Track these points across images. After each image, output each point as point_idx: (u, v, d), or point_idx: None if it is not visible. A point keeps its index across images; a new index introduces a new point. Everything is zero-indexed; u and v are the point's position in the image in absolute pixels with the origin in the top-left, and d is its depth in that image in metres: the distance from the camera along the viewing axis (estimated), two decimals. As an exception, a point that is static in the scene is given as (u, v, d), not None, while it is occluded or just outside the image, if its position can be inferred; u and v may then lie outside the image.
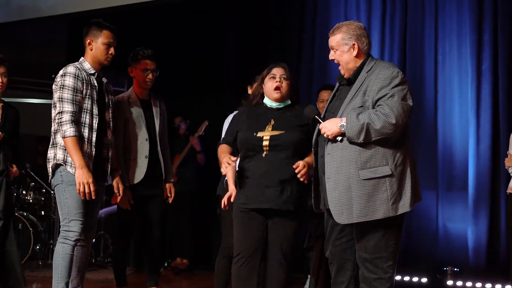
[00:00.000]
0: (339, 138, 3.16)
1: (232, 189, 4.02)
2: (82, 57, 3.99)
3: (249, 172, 3.60)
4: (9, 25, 6.58)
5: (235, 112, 4.20)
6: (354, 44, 3.26)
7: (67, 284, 3.79)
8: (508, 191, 5.00)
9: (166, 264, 6.79)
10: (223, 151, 3.69)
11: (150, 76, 4.44)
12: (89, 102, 3.87)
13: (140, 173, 4.37)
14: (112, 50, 3.96)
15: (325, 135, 3.20)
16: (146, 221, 4.49)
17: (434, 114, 6.22)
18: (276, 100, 3.66)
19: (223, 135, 4.11)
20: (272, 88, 3.64)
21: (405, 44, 6.41)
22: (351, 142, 3.13)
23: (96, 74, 3.95)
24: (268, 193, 3.53)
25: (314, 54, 6.87)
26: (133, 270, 6.38)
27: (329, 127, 3.17)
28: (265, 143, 3.56)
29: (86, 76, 3.88)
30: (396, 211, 3.12)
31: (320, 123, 3.25)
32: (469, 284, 5.71)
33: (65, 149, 3.78)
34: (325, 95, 4.68)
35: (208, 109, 6.99)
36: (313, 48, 6.88)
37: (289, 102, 3.71)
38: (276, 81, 3.63)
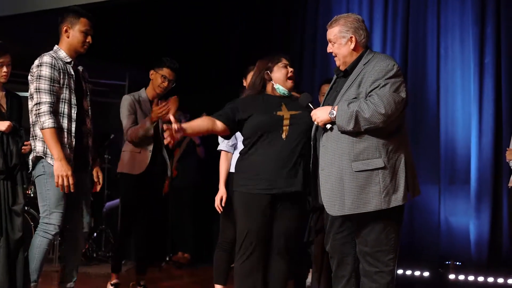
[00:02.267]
0: (328, 126, 3.17)
1: (222, 191, 4.02)
2: (56, 45, 3.87)
3: (260, 157, 3.54)
4: (5, 18, 6.55)
5: None
6: (351, 37, 3.25)
7: (38, 276, 3.78)
8: (510, 184, 4.97)
9: (167, 258, 6.76)
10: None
11: (165, 83, 4.60)
12: (67, 92, 3.77)
13: (144, 165, 4.55)
14: (89, 39, 3.85)
15: (315, 122, 3.23)
16: (148, 215, 4.71)
17: (436, 108, 6.20)
18: (290, 89, 3.68)
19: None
20: (286, 77, 3.66)
21: (407, 38, 6.37)
22: (343, 131, 3.12)
23: (72, 62, 3.85)
24: (282, 177, 3.48)
25: (316, 48, 6.85)
26: (134, 265, 6.37)
27: (319, 114, 3.20)
28: (286, 122, 3.54)
29: (62, 65, 3.78)
30: (389, 203, 3.10)
31: (311, 110, 3.27)
32: (471, 278, 5.71)
33: (44, 141, 3.70)
34: (327, 88, 4.66)
35: (208, 103, 6.94)
36: (315, 41, 6.85)
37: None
38: (291, 70, 3.67)
